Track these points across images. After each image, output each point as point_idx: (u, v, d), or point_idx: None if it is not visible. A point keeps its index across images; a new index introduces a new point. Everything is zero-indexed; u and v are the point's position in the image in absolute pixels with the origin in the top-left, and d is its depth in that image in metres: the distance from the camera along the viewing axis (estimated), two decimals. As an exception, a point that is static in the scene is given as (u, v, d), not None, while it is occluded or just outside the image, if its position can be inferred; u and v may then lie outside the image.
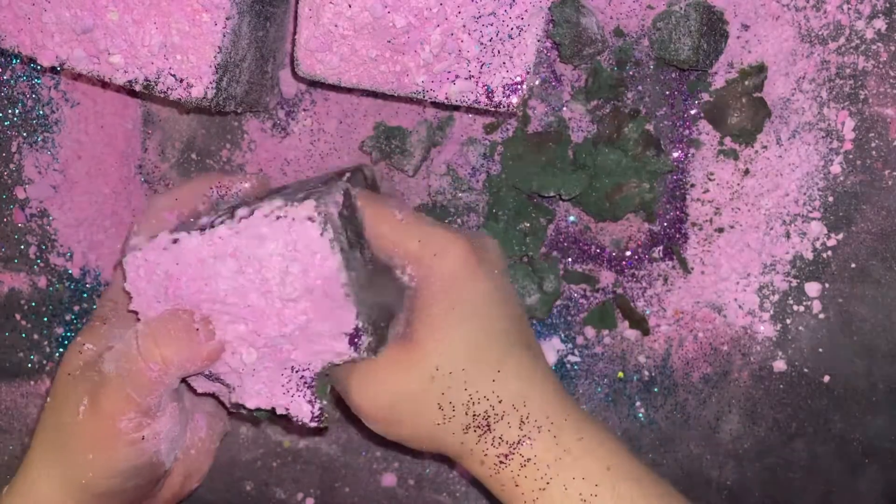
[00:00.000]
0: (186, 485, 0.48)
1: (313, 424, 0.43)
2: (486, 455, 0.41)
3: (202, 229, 0.40)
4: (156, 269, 0.41)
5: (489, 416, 0.41)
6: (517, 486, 0.41)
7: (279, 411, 0.43)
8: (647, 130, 0.48)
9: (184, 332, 0.40)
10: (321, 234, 0.39)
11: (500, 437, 0.41)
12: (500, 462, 0.41)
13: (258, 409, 0.43)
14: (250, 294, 0.40)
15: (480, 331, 0.42)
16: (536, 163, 0.50)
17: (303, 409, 0.43)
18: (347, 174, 0.44)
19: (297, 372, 0.42)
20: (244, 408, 0.44)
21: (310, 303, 0.40)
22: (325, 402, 0.43)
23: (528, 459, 0.41)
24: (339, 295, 0.40)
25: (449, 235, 0.42)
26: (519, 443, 0.41)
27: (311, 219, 0.39)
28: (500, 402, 0.41)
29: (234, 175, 0.46)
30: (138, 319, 0.42)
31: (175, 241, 0.40)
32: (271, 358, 0.41)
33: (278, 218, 0.39)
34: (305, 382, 0.42)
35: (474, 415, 0.41)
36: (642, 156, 0.48)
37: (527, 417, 0.41)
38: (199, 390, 0.45)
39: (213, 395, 0.45)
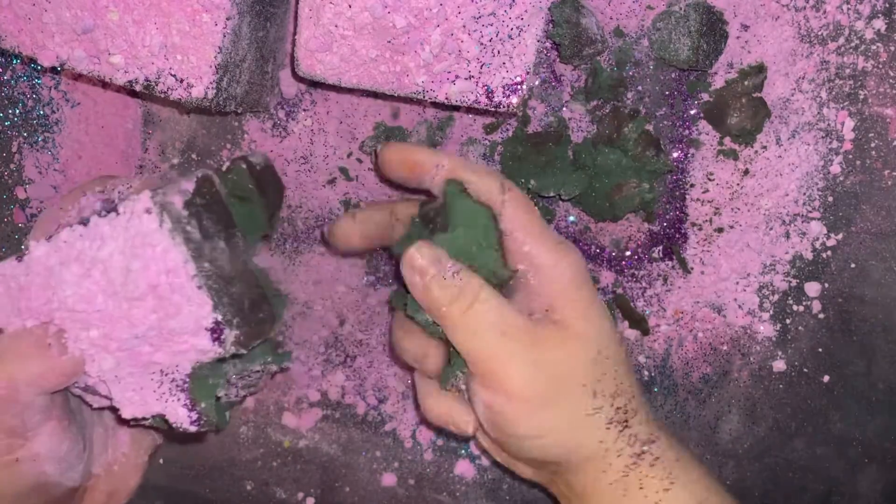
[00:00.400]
0: (111, 502, 0.47)
1: (193, 429, 0.41)
2: (619, 455, 0.41)
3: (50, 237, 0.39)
4: (10, 282, 0.39)
5: (627, 411, 0.41)
6: (641, 488, 0.40)
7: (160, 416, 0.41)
8: (646, 130, 0.48)
9: (34, 347, 0.39)
10: (160, 226, 0.37)
11: (635, 435, 0.41)
12: (633, 463, 0.41)
13: (146, 418, 0.41)
14: (97, 297, 0.38)
15: (613, 326, 0.42)
16: (536, 163, 0.50)
17: (179, 414, 0.40)
18: (227, 163, 0.43)
19: (166, 375, 0.40)
20: (124, 418, 0.42)
21: (157, 299, 0.38)
22: (204, 405, 0.41)
23: (657, 458, 0.41)
24: (189, 288, 0.38)
25: (567, 244, 0.43)
26: (649, 441, 0.41)
27: (147, 210, 0.37)
28: (633, 397, 0.41)
29: (116, 178, 0.44)
30: None
31: (24, 251, 0.39)
32: (132, 362, 0.39)
33: (117, 215, 0.38)
34: (177, 385, 0.40)
35: (617, 408, 0.41)
36: (642, 156, 0.48)
37: (648, 415, 0.41)
38: (94, 405, 0.43)
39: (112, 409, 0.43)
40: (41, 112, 0.53)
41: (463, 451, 0.55)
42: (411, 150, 0.43)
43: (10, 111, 0.53)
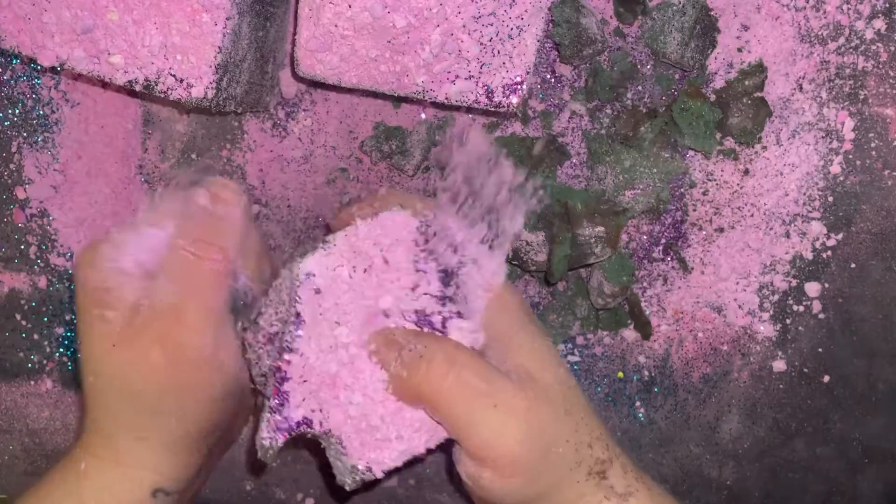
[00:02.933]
0: (250, 401, 0.47)
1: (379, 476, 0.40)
2: None
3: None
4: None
5: (604, 462, 0.39)
6: None
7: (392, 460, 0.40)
8: (663, 129, 0.48)
9: (206, 216, 0.39)
10: None
11: (611, 487, 0.39)
12: None
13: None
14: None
15: (567, 370, 0.40)
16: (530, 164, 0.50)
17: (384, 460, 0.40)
18: None
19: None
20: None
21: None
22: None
23: None
24: None
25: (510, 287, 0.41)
26: (627, 493, 0.39)
27: None
28: (608, 445, 0.39)
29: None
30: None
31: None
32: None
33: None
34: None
35: (596, 458, 0.38)
36: (658, 156, 0.48)
37: (626, 466, 0.39)
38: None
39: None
40: (41, 112, 0.53)
41: (463, 452, 0.55)
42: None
43: (10, 111, 0.53)
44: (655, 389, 0.53)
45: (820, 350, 0.52)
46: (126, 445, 0.40)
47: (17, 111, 0.53)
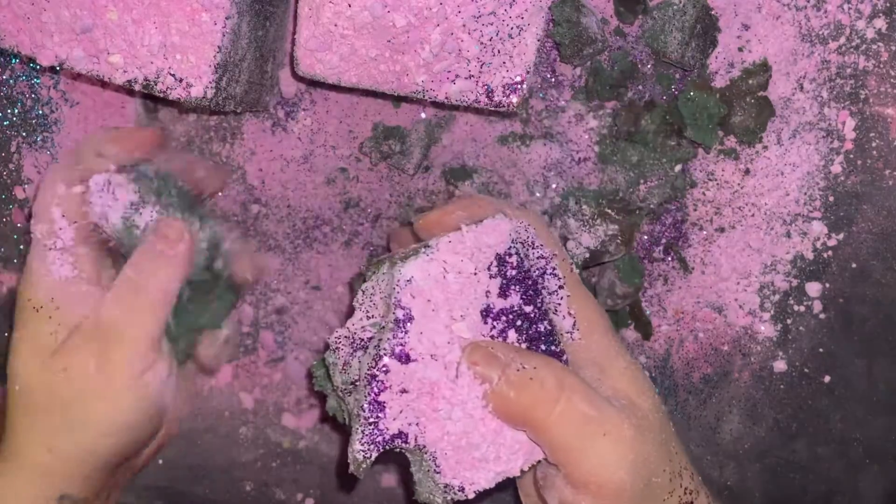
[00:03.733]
0: (171, 430, 0.49)
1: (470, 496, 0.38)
2: None
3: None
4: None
5: (692, 492, 0.38)
6: None
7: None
8: (665, 119, 0.48)
9: (153, 251, 0.42)
10: None
11: None
12: None
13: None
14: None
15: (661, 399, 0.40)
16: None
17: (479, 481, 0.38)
18: None
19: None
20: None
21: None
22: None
23: None
24: None
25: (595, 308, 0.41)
26: None
27: None
28: (693, 474, 0.39)
29: (118, 133, 0.45)
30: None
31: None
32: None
33: None
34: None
35: (685, 489, 0.38)
36: (664, 146, 0.48)
37: (709, 496, 0.39)
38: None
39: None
40: (40, 112, 0.53)
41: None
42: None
43: (9, 111, 0.53)
44: (656, 390, 0.53)
45: (821, 350, 0.52)
46: (37, 454, 0.42)
47: (17, 111, 0.53)
